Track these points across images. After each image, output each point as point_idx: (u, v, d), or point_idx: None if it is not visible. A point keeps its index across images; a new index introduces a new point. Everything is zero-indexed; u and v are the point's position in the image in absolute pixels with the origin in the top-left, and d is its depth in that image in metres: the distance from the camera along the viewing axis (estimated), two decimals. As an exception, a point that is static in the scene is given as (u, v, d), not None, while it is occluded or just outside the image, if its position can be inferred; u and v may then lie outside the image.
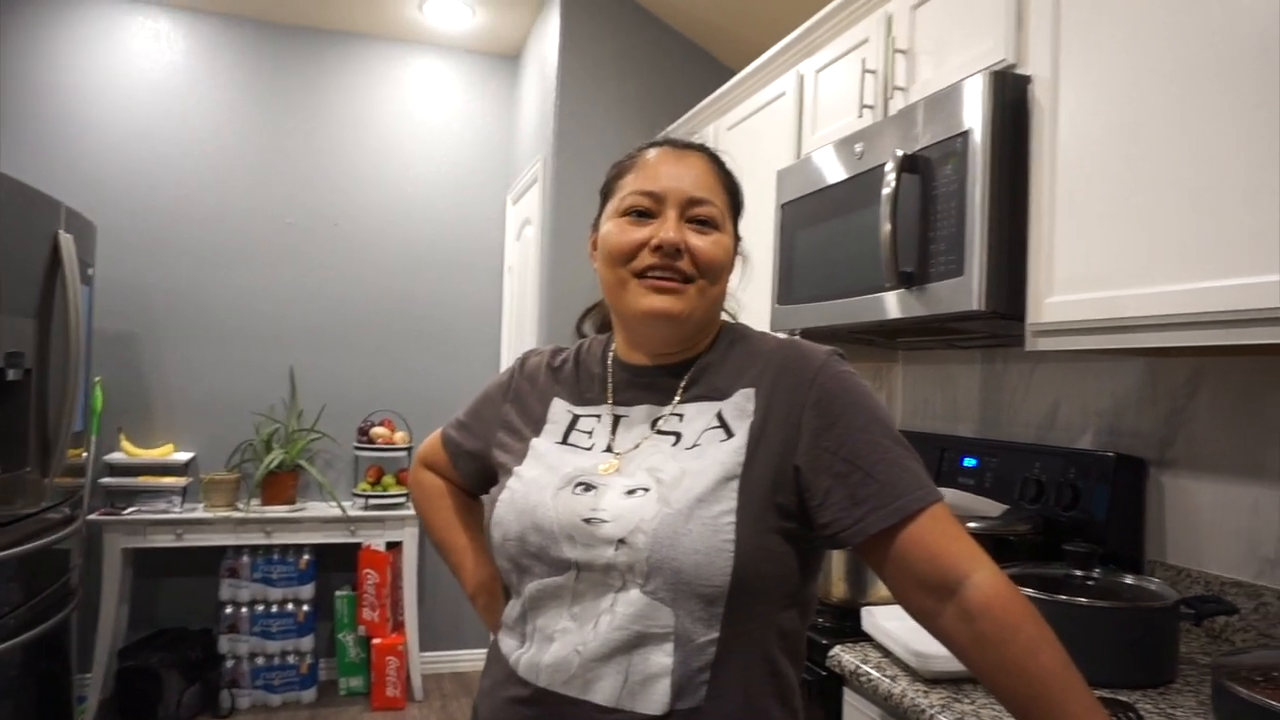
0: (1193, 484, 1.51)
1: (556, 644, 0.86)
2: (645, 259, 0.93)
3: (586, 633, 0.84)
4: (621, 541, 0.83)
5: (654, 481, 0.87)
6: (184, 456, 3.52)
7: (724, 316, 1.05)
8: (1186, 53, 1.16)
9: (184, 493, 3.40)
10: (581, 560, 0.86)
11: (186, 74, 3.64)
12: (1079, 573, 1.35)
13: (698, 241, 0.94)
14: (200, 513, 3.35)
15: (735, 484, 0.85)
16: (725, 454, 0.88)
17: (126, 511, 3.25)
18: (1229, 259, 1.09)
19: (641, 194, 0.95)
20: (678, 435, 0.93)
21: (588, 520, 0.86)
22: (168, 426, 3.59)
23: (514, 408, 1.06)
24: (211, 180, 3.67)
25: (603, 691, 0.82)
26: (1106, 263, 1.27)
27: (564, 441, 0.98)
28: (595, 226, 1.03)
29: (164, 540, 3.28)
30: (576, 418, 1.01)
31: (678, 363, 0.99)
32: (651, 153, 0.99)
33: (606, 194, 1.02)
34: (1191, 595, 1.39)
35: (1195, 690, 1.18)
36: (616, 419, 0.98)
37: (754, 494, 0.86)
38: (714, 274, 0.95)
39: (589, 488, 0.90)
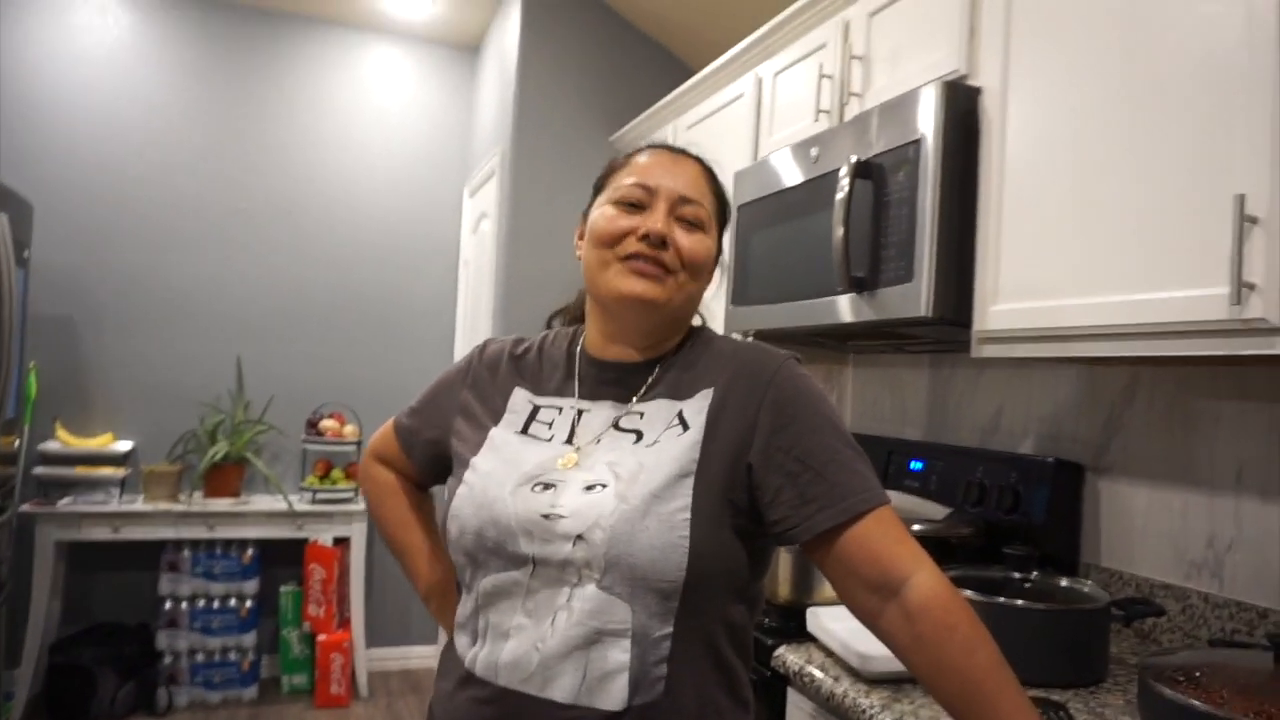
0: (1127, 489, 1.56)
1: (513, 641, 0.86)
2: (630, 245, 0.95)
3: (544, 629, 0.84)
4: (579, 537, 0.84)
5: (612, 477, 0.88)
6: (124, 446, 3.42)
7: (695, 321, 1.07)
8: (1130, 71, 1.20)
9: (123, 484, 3.30)
10: (538, 555, 0.86)
11: (133, 51, 3.53)
12: (1017, 575, 1.38)
13: (683, 238, 0.96)
14: (140, 505, 3.26)
15: (690, 480, 0.87)
16: (680, 449, 0.89)
17: (61, 503, 3.15)
18: (1165, 273, 1.12)
19: (636, 186, 0.97)
20: (639, 434, 0.94)
21: (546, 516, 0.87)
22: (107, 415, 3.48)
23: (473, 394, 1.05)
24: (158, 162, 3.57)
25: (562, 689, 0.83)
26: (1049, 273, 1.31)
27: (523, 432, 0.98)
28: (584, 217, 1.04)
29: (100, 533, 3.18)
30: (537, 409, 1.01)
31: (644, 361, 1.00)
32: (649, 153, 1.02)
33: (600, 187, 1.04)
34: (1122, 597, 1.43)
35: (1124, 690, 1.22)
36: (579, 413, 0.98)
37: (708, 491, 0.87)
38: (695, 270, 0.97)
39: (548, 486, 0.90)
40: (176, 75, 3.60)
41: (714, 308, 2.14)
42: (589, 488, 0.88)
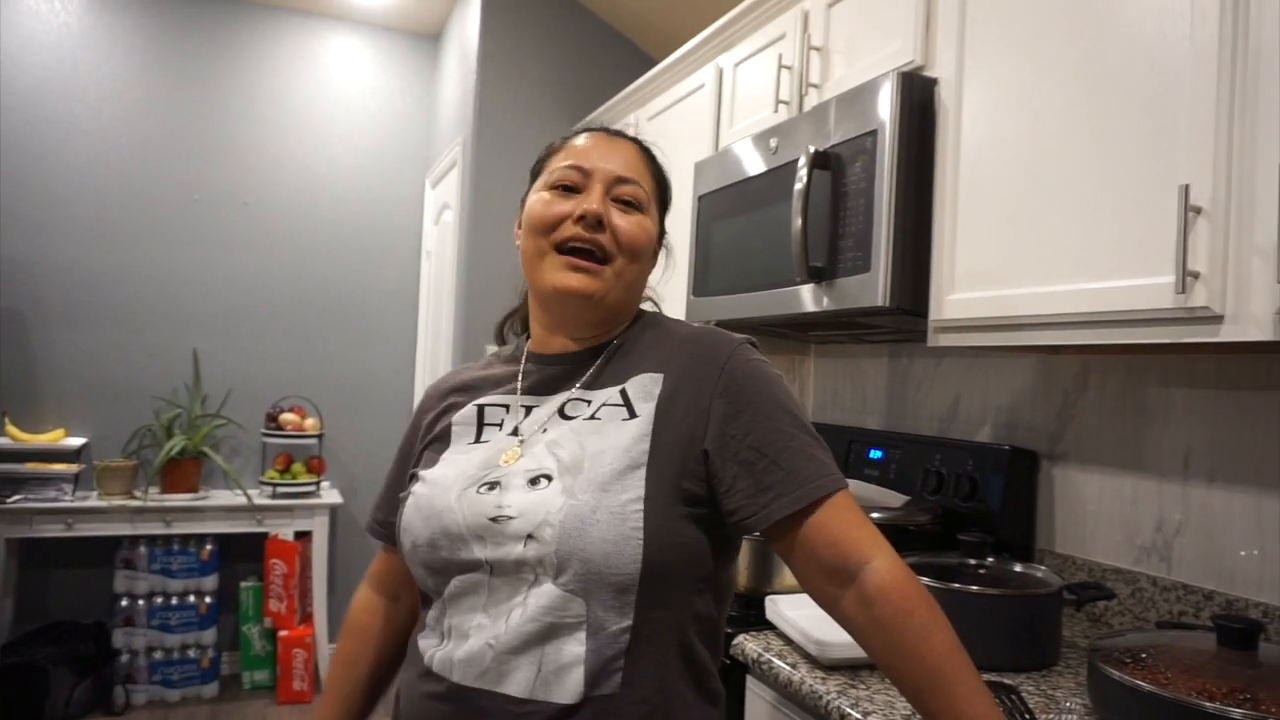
0: (1080, 476, 1.59)
1: (471, 639, 0.85)
2: (567, 229, 0.94)
3: (499, 626, 0.83)
4: (530, 536, 0.83)
5: (554, 462, 0.87)
6: (76, 442, 3.34)
7: (649, 307, 1.06)
8: (1081, 62, 1.21)
9: (76, 480, 3.23)
10: (493, 558, 0.85)
11: (82, 38, 3.44)
12: (972, 561, 1.40)
13: (620, 220, 0.95)
14: (94, 501, 3.19)
15: (642, 472, 0.85)
16: (629, 440, 0.87)
17: (11, 500, 3.07)
18: (1114, 262, 1.14)
19: (571, 168, 0.96)
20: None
21: (494, 519, 0.85)
22: (59, 410, 3.40)
23: (422, 441, 1.03)
24: (109, 152, 3.48)
25: (516, 683, 0.82)
26: (1003, 262, 1.32)
27: (476, 441, 0.96)
28: (522, 204, 1.02)
29: (53, 530, 3.11)
30: (483, 408, 0.99)
31: (589, 348, 0.99)
32: (584, 136, 1.01)
33: (536, 172, 1.03)
34: (1075, 582, 1.46)
35: (1075, 672, 1.24)
36: (527, 409, 0.97)
37: (661, 481, 0.85)
38: (633, 253, 0.96)
39: (493, 485, 0.88)
40: (128, 63, 3.51)
41: (675, 298, 2.15)
42: (533, 481, 0.86)
